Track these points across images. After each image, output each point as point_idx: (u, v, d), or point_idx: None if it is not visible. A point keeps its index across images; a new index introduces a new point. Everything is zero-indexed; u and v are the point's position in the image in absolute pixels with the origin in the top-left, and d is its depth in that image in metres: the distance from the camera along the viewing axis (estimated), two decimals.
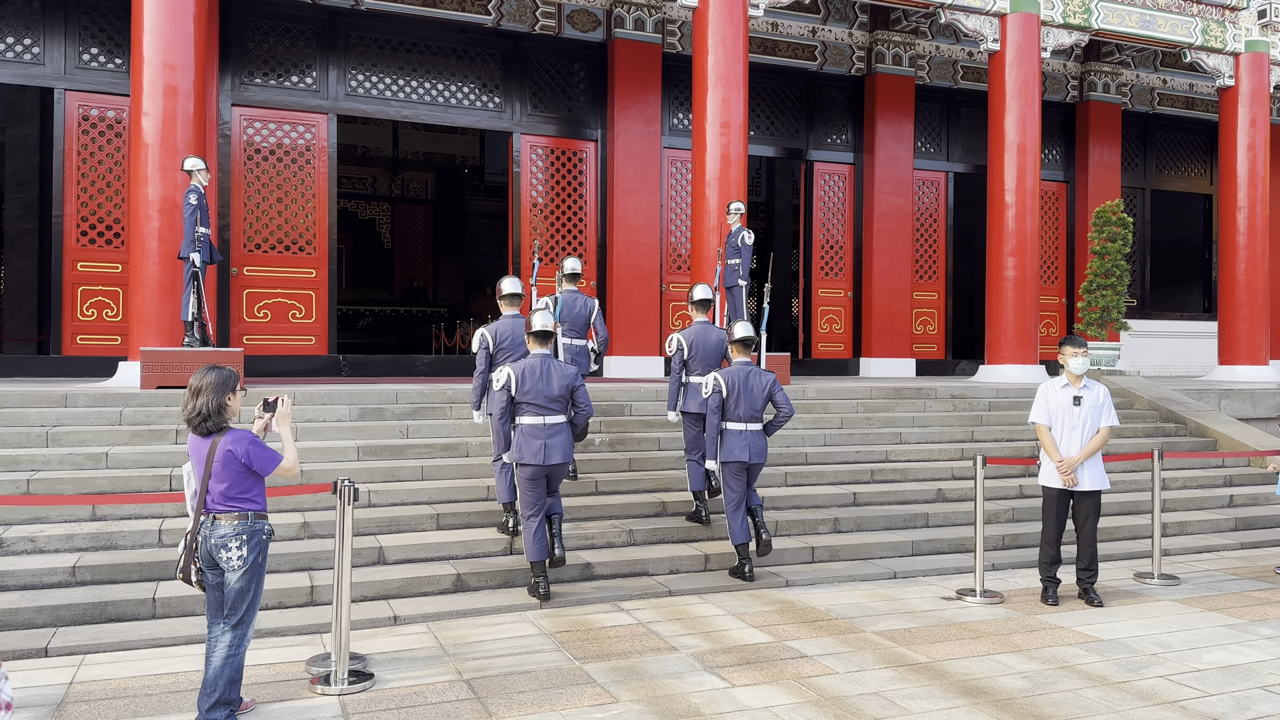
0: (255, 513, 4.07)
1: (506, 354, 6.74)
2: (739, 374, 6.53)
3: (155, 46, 9.29)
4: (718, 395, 6.48)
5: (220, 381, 4.00)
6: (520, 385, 5.94)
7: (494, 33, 13.39)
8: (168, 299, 9.22)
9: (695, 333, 7.27)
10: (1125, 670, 4.94)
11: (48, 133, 16.72)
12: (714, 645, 5.23)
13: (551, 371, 5.99)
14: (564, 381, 6.00)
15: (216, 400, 3.99)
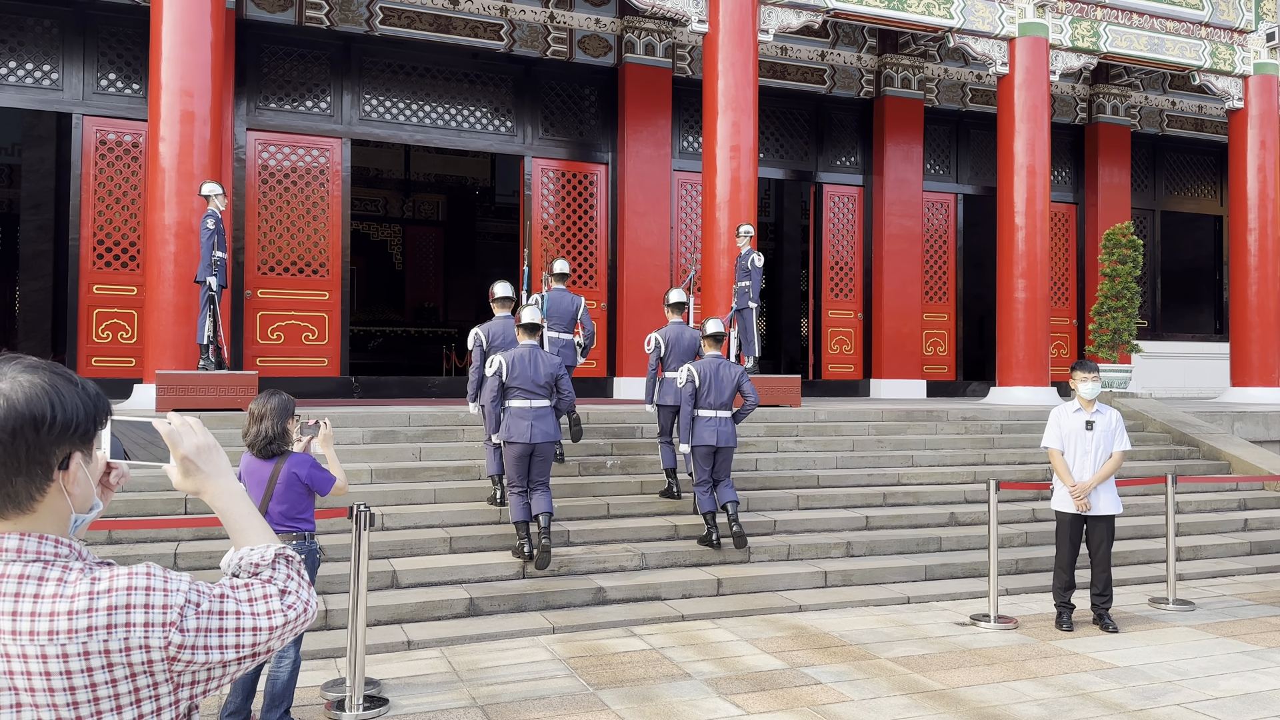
0: (310, 533, 4.22)
1: (498, 350, 7.30)
2: (710, 366, 7.16)
3: (173, 73, 9.42)
4: (690, 385, 7.09)
5: (281, 407, 4.14)
6: (510, 372, 6.57)
7: (506, 58, 13.53)
8: (183, 322, 9.30)
9: (671, 332, 8.00)
10: (1142, 698, 4.91)
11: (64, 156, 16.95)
12: (727, 671, 5.23)
13: (539, 360, 6.63)
14: (549, 370, 6.63)
15: (280, 425, 4.13)
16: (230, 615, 1.30)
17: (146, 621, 1.23)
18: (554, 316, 8.27)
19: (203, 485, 1.42)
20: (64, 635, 1.20)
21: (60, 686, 1.21)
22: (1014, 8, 12.97)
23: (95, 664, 1.21)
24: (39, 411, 1.25)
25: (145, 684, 1.25)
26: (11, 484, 1.25)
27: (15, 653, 1.20)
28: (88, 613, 1.21)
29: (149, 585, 1.25)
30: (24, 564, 1.24)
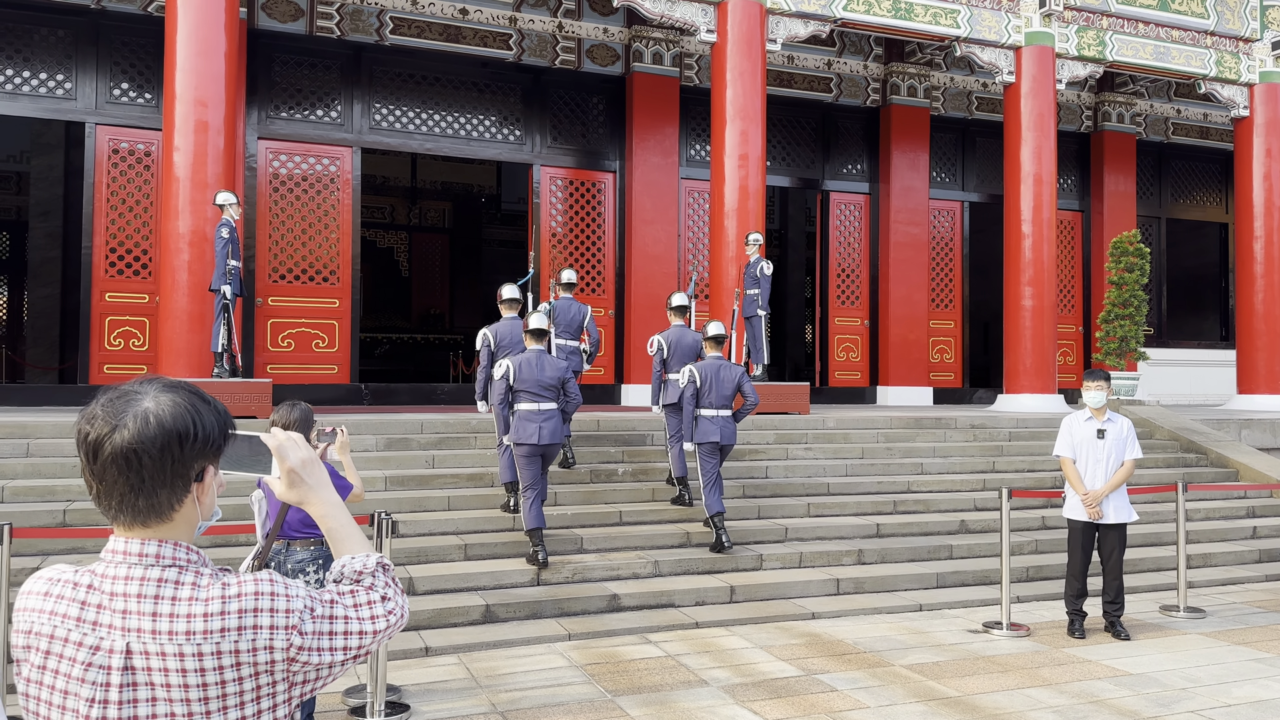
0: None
1: (506, 351, 7.55)
2: (711, 367, 7.36)
3: (187, 83, 9.49)
4: (692, 385, 7.31)
5: (303, 418, 4.19)
6: (518, 375, 6.78)
7: (515, 67, 13.61)
8: (197, 330, 9.37)
9: (673, 335, 8.20)
10: (1156, 705, 4.95)
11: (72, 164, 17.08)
12: (744, 678, 5.27)
13: (545, 364, 6.84)
14: (556, 373, 6.84)
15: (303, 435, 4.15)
16: (340, 620, 1.41)
17: (272, 625, 1.35)
18: (561, 324, 8.44)
19: (306, 496, 1.52)
20: (200, 636, 1.32)
21: (194, 683, 1.32)
22: (1020, 17, 13.05)
23: (226, 663, 1.33)
24: (183, 428, 1.37)
25: (266, 682, 1.36)
26: (156, 495, 1.36)
27: (155, 650, 1.32)
28: (221, 615, 1.33)
29: (273, 591, 1.37)
30: (162, 569, 1.36)
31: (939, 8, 12.60)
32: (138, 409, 1.36)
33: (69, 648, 1.34)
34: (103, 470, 1.35)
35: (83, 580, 1.38)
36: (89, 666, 1.33)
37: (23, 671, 1.37)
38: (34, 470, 7.07)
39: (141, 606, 1.34)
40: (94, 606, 1.35)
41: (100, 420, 1.36)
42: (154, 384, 1.42)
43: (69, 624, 1.35)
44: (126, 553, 1.37)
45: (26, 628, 1.38)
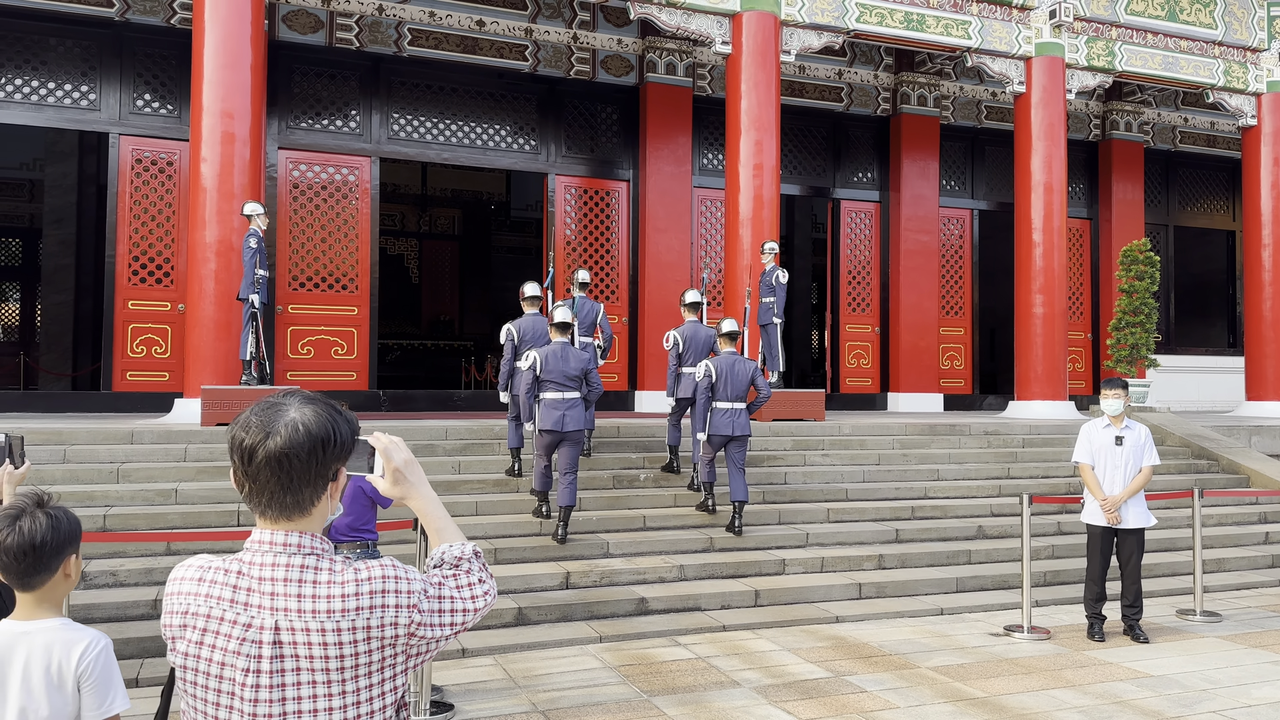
0: (373, 542, 4.40)
1: (528, 344, 8.02)
2: (726, 362, 7.75)
3: (214, 95, 9.66)
4: (708, 379, 7.68)
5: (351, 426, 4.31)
6: (544, 366, 7.20)
7: (530, 77, 13.78)
8: (224, 338, 9.51)
9: (688, 330, 8.67)
10: (1178, 706, 5.07)
11: (86, 171, 17.28)
12: (774, 680, 5.40)
13: (569, 356, 7.28)
14: (579, 364, 7.27)
15: None
16: (448, 599, 1.62)
17: (397, 604, 1.55)
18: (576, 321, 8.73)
19: (408, 492, 1.71)
20: (338, 614, 1.52)
21: (333, 655, 1.52)
22: (1031, 28, 13.20)
23: (359, 637, 1.53)
24: (325, 435, 1.57)
25: (389, 654, 1.56)
26: (301, 493, 1.56)
27: (300, 627, 1.52)
28: (355, 596, 1.54)
29: (396, 575, 1.58)
30: (303, 556, 1.56)
31: (950, 19, 12.75)
32: (287, 418, 1.56)
33: (225, 625, 1.53)
34: (256, 471, 1.55)
35: (232, 568, 1.57)
36: (243, 641, 1.52)
37: (178, 646, 1.56)
38: (72, 476, 7.22)
39: (287, 589, 1.53)
40: (245, 590, 1.54)
41: (255, 428, 1.55)
42: (295, 396, 1.62)
43: (224, 605, 1.54)
44: (272, 543, 1.56)
45: (183, 609, 1.56)
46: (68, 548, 2.15)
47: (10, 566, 2.08)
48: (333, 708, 1.52)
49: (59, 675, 2.04)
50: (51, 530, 2.10)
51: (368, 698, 1.55)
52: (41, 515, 2.12)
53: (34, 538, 2.07)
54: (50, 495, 2.22)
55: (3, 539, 2.08)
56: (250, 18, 9.80)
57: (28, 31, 11.63)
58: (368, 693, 1.55)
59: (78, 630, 2.11)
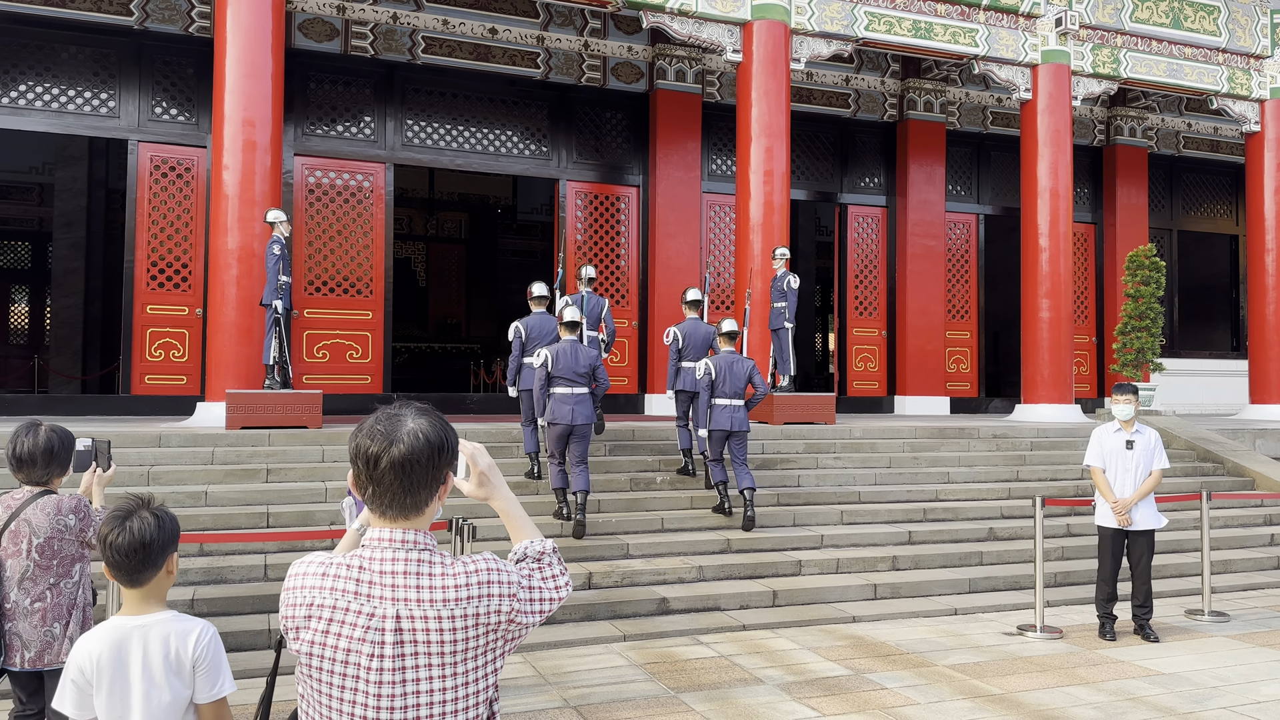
0: None
1: (535, 342, 8.33)
2: (725, 360, 8.10)
3: (236, 104, 9.82)
4: (708, 377, 8.06)
5: None
6: (555, 363, 7.57)
7: (542, 85, 13.95)
8: (245, 343, 9.67)
9: (688, 326, 9.03)
10: (1190, 702, 5.22)
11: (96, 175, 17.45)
12: (796, 677, 5.55)
13: (579, 353, 7.63)
14: (588, 361, 7.65)
15: None
16: (537, 589, 1.81)
17: (500, 594, 1.74)
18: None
19: (491, 493, 1.90)
20: (452, 603, 1.70)
21: (448, 640, 1.70)
22: (1037, 35, 13.36)
23: (470, 623, 1.71)
24: (440, 442, 1.75)
25: (493, 639, 1.75)
26: (419, 494, 1.74)
27: (419, 615, 1.69)
28: (466, 586, 1.72)
29: (498, 568, 1.77)
30: (418, 552, 1.74)
31: (958, 27, 12.92)
32: (408, 428, 1.74)
33: (350, 615, 1.69)
34: (381, 476, 1.72)
35: (353, 563, 1.74)
36: (368, 629, 1.68)
37: (302, 636, 1.72)
38: None
39: (406, 581, 1.70)
40: (367, 583, 1.71)
41: (380, 437, 1.73)
42: (409, 408, 1.80)
43: (348, 597, 1.71)
44: (391, 540, 1.73)
45: (307, 601, 1.73)
46: (170, 546, 2.31)
47: (121, 564, 2.24)
48: (446, 688, 1.70)
49: (177, 661, 2.20)
50: (157, 529, 2.27)
51: (475, 678, 1.73)
52: (148, 515, 2.28)
53: (143, 537, 2.24)
54: (154, 497, 2.38)
55: (114, 538, 2.24)
56: (271, 28, 9.97)
57: (49, 40, 11.80)
58: (475, 673, 1.73)
59: (189, 620, 2.27)
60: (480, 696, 1.75)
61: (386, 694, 1.67)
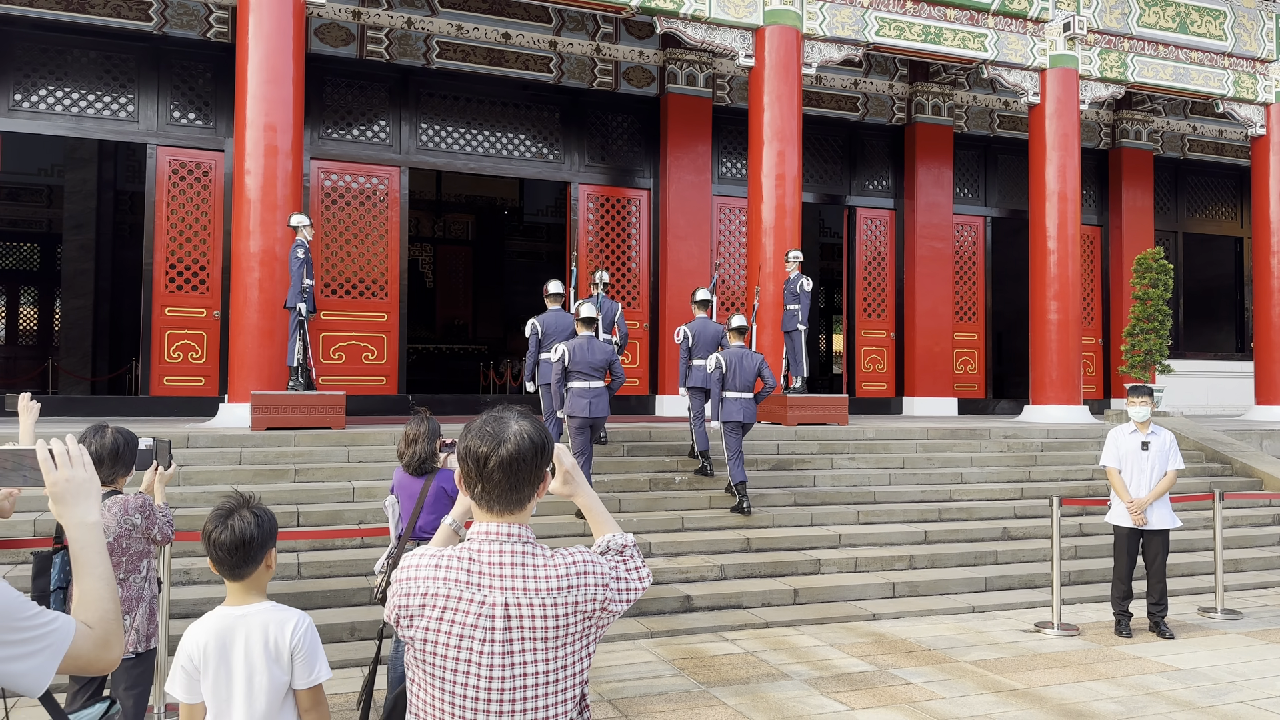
0: None
1: (551, 338, 8.62)
2: (735, 355, 8.39)
3: (258, 110, 9.94)
4: (719, 371, 8.33)
5: (432, 431, 4.61)
6: (572, 358, 7.82)
7: (555, 89, 14.08)
8: (267, 345, 9.80)
9: (697, 325, 9.32)
10: (1208, 696, 5.35)
11: (104, 177, 17.58)
12: (822, 673, 5.68)
13: (595, 348, 7.87)
14: (604, 355, 7.89)
15: (430, 447, 4.60)
16: (624, 579, 1.94)
17: (595, 583, 1.88)
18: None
19: (575, 490, 2.05)
20: (555, 591, 1.83)
21: (551, 625, 1.83)
22: (1045, 40, 13.49)
23: (569, 610, 1.84)
24: (541, 443, 1.88)
25: (588, 625, 1.88)
26: (523, 491, 1.87)
27: (525, 603, 1.82)
28: (566, 576, 1.85)
29: (593, 560, 1.91)
30: (522, 545, 1.87)
31: (967, 32, 13.05)
32: (513, 429, 1.88)
33: (462, 603, 1.82)
34: (489, 474, 1.86)
35: (463, 555, 1.87)
36: (479, 616, 1.81)
37: (416, 623, 1.85)
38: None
39: (513, 572, 1.83)
40: (477, 573, 1.84)
41: (489, 438, 1.87)
42: (511, 411, 1.94)
43: (460, 586, 1.83)
44: (497, 534, 1.87)
45: (422, 591, 1.86)
46: (269, 542, 2.44)
47: (223, 559, 2.38)
48: (550, 669, 1.84)
49: (276, 649, 2.33)
50: (257, 527, 2.40)
51: (573, 660, 1.87)
52: (249, 513, 2.41)
53: (244, 534, 2.37)
54: (254, 496, 2.51)
55: (218, 535, 2.37)
56: (291, 34, 10.10)
57: (69, 45, 11.94)
58: (573, 657, 1.87)
59: (287, 611, 2.40)
60: (577, 679, 1.89)
61: (497, 675, 1.80)
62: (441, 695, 1.84)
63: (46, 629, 1.48)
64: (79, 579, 1.62)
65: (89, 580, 1.62)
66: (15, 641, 1.44)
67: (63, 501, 1.64)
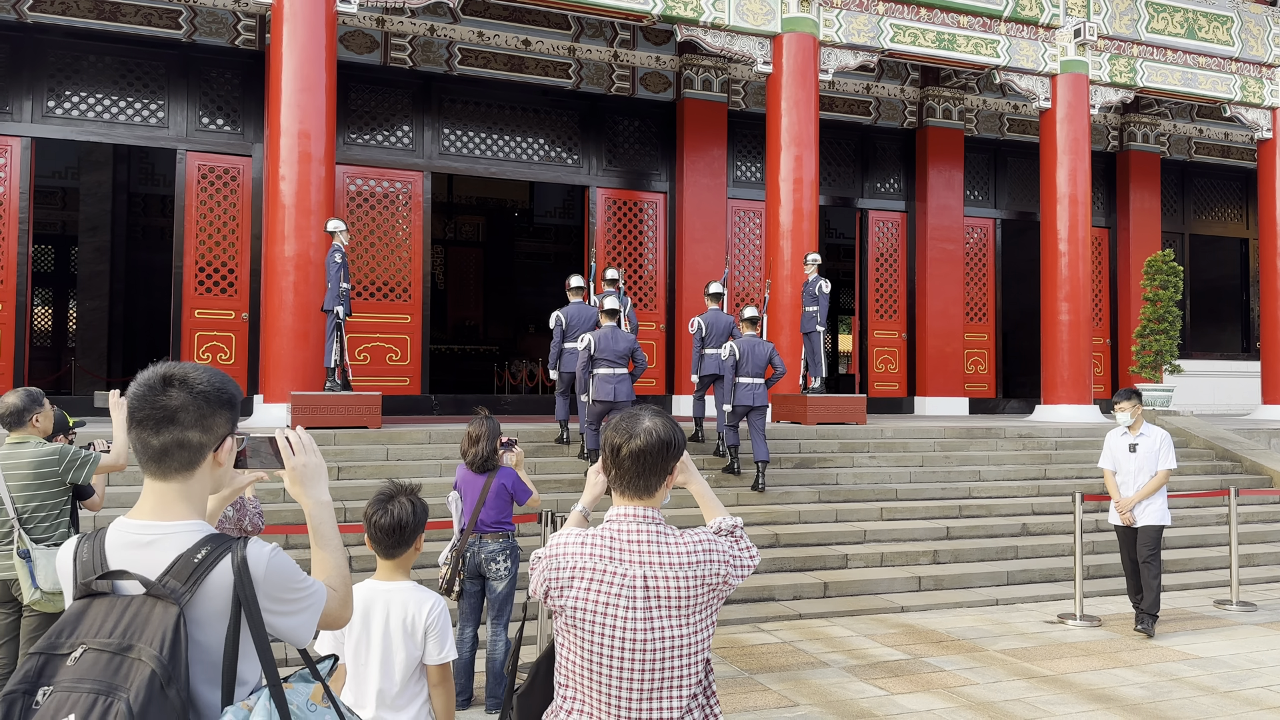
0: (512, 533, 4.93)
1: (574, 329, 9.20)
2: (748, 343, 9.04)
3: (292, 118, 10.18)
4: (732, 358, 8.98)
5: (493, 431, 4.86)
6: (597, 346, 8.41)
7: (574, 95, 14.33)
8: (302, 346, 10.04)
9: (710, 316, 9.88)
10: (1229, 682, 5.61)
11: (118, 180, 17.82)
12: (859, 661, 5.93)
13: (618, 337, 8.47)
14: (627, 344, 8.50)
15: (491, 445, 4.85)
16: (738, 557, 2.20)
17: (718, 559, 2.14)
18: None
19: (689, 479, 2.30)
20: (685, 565, 2.10)
21: (683, 594, 2.09)
22: (1056, 46, 13.75)
23: (698, 582, 2.10)
24: (670, 439, 2.16)
25: (712, 596, 2.14)
26: (652, 479, 2.13)
27: (660, 575, 2.09)
28: (694, 553, 2.11)
29: (713, 538, 2.17)
30: (654, 525, 2.13)
31: (980, 38, 13.30)
32: (644, 425, 2.15)
33: (606, 576, 2.08)
34: (622, 462, 2.13)
35: (604, 534, 2.13)
36: (621, 587, 2.07)
37: (566, 594, 2.11)
38: None
39: (648, 549, 2.09)
40: (618, 550, 2.10)
41: (623, 432, 2.15)
42: (647, 410, 2.22)
43: (604, 561, 2.09)
44: (632, 515, 2.13)
45: (571, 565, 2.12)
46: (421, 528, 2.70)
47: (381, 540, 2.63)
48: (683, 633, 2.09)
49: (411, 625, 2.59)
50: (412, 514, 2.66)
51: (701, 627, 2.13)
52: (405, 501, 2.67)
53: (401, 519, 2.63)
54: (413, 485, 2.76)
55: (378, 518, 2.63)
56: (324, 43, 10.33)
57: (101, 53, 12.18)
58: (702, 623, 2.13)
59: (425, 592, 2.66)
60: (704, 643, 2.15)
61: (639, 637, 2.06)
62: (589, 656, 2.09)
63: (312, 590, 1.75)
64: (319, 549, 1.88)
65: (328, 551, 1.88)
66: (292, 600, 1.71)
67: (302, 483, 1.85)
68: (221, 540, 1.70)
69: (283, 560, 1.71)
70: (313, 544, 1.90)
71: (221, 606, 1.66)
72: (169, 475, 1.74)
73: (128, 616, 1.62)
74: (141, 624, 1.61)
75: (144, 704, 1.53)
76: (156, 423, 1.72)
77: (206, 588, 1.65)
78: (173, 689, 1.57)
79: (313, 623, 1.76)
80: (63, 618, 1.67)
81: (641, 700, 2.07)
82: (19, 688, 1.60)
